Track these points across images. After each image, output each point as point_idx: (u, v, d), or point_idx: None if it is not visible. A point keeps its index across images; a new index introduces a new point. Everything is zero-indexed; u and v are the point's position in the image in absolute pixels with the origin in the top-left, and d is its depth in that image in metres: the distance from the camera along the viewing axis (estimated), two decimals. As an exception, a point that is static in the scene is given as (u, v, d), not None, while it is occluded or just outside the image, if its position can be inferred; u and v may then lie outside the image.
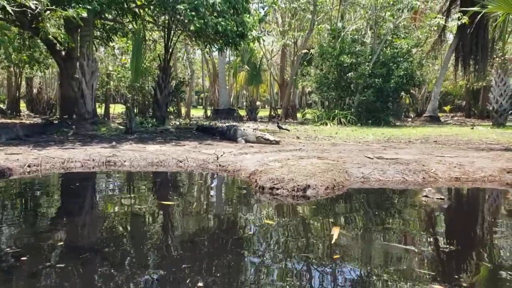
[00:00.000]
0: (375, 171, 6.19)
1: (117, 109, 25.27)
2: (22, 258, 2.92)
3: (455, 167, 6.46)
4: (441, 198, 4.92)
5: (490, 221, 4.32)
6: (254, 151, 8.00)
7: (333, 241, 3.29)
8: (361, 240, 3.48)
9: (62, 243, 3.33)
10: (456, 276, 2.78)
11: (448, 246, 3.45)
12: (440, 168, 6.38)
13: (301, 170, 5.59)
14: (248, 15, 11.72)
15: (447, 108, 45.95)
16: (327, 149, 8.71)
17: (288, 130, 13.81)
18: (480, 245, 3.52)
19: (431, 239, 3.62)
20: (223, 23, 10.15)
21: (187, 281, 2.62)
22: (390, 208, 4.76)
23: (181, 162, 7.15)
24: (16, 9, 7.07)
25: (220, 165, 6.90)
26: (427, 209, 4.60)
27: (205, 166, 6.98)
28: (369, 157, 7.25)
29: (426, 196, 5.02)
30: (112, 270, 2.78)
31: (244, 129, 10.17)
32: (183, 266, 2.88)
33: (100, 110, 19.88)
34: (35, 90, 26.57)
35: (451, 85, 40.33)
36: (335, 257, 3.07)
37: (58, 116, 16.05)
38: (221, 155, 7.44)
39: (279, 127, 14.05)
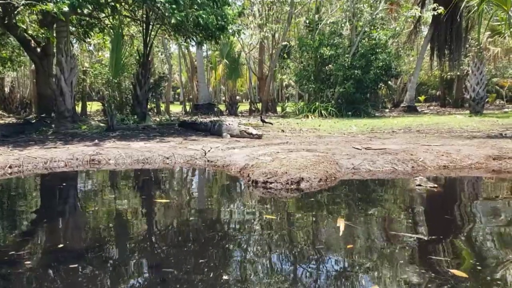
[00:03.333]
0: (365, 162, 6.19)
1: (94, 107, 24.76)
2: (26, 262, 2.78)
3: (442, 155, 6.53)
4: (434, 186, 4.95)
5: (488, 206, 4.36)
6: (241, 145, 7.92)
7: (341, 233, 3.26)
8: (369, 230, 3.47)
9: (62, 245, 3.18)
10: (472, 261, 2.79)
11: (455, 232, 3.46)
12: (428, 157, 6.43)
13: (293, 163, 5.54)
14: (228, 8, 11.59)
15: (421, 98, 46.76)
16: (313, 141, 8.70)
17: (272, 124, 13.77)
18: (485, 230, 3.53)
19: (436, 227, 3.63)
20: (204, 15, 9.98)
21: (211, 275, 2.58)
22: (386, 197, 4.77)
23: (167, 158, 7.01)
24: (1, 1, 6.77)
25: (208, 161, 6.80)
26: (423, 198, 4.62)
27: (193, 162, 6.86)
28: (358, 148, 7.26)
29: (419, 185, 5.04)
30: (132, 269, 2.71)
31: (229, 124, 10.06)
32: (200, 261, 2.81)
33: (77, 108, 19.42)
34: (7, 89, 25.82)
35: (426, 75, 41.04)
36: (348, 246, 3.05)
37: (35, 115, 15.59)
38: (209, 151, 7.33)
39: (263, 121, 13.99)
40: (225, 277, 2.57)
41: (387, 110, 27.24)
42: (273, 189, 4.93)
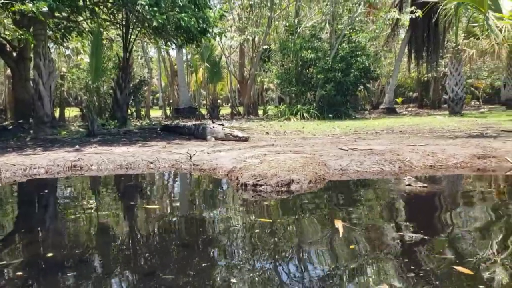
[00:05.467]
0: (352, 163, 6.18)
1: (71, 112, 24.28)
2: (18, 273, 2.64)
3: (428, 155, 6.57)
4: (424, 186, 4.95)
5: (479, 204, 4.36)
6: (227, 148, 7.82)
7: (341, 234, 3.20)
8: (368, 231, 3.42)
9: (52, 254, 3.03)
10: (474, 258, 2.78)
11: (452, 230, 3.46)
12: (414, 157, 6.46)
13: (282, 165, 5.48)
14: (210, 10, 11.50)
15: (399, 100, 47.40)
16: (299, 143, 8.66)
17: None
18: (480, 227, 3.54)
19: (432, 225, 3.62)
20: (186, 18, 9.86)
21: (218, 279, 2.55)
22: (378, 198, 4.73)
23: (152, 163, 6.87)
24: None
25: (194, 164, 6.68)
26: (414, 197, 4.60)
27: (178, 166, 6.74)
28: (344, 149, 7.25)
29: (409, 185, 5.04)
30: (126, 277, 2.63)
31: (213, 127, 9.95)
32: (204, 265, 2.74)
33: (55, 114, 18.98)
34: (-20, 96, 25.17)
35: (403, 77, 41.64)
36: (351, 247, 3.00)
37: (12, 121, 15.15)
38: (194, 154, 7.21)
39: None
40: (233, 280, 2.51)
41: (366, 112, 27.49)
42: (263, 191, 4.85)
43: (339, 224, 3.35)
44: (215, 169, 6.27)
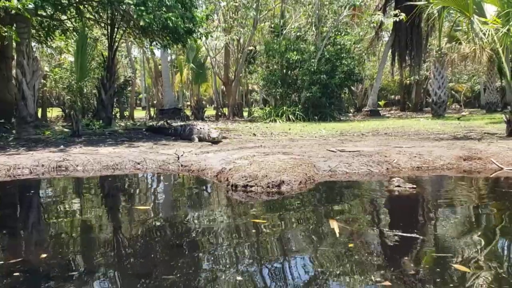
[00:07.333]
0: (341, 164, 6.21)
1: (53, 113, 23.89)
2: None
3: (415, 156, 6.64)
4: (413, 187, 4.99)
5: (468, 204, 4.42)
6: (215, 149, 7.79)
7: (337, 234, 3.21)
8: (363, 230, 3.46)
9: (39, 256, 2.97)
10: (471, 256, 2.82)
11: (445, 229, 3.50)
12: (402, 159, 6.52)
13: (271, 166, 5.47)
14: (196, 10, 11.44)
15: (381, 103, 47.90)
16: (287, 144, 8.67)
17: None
18: (471, 226, 3.60)
19: (426, 225, 3.65)
20: (173, 18, 9.79)
21: (223, 277, 2.54)
22: (369, 199, 4.76)
23: (139, 164, 6.79)
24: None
25: (182, 165, 6.63)
26: (404, 198, 4.65)
27: (166, 167, 6.68)
28: (332, 151, 7.28)
29: (398, 186, 5.07)
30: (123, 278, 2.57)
31: (200, 128, 9.89)
32: (205, 265, 2.74)
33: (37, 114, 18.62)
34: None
35: (386, 80, 42.13)
36: (350, 245, 3.02)
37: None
38: (182, 155, 7.15)
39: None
40: (239, 277, 2.50)
41: (350, 115, 27.64)
42: (254, 192, 4.84)
43: (334, 224, 3.36)
44: (204, 170, 6.23)
